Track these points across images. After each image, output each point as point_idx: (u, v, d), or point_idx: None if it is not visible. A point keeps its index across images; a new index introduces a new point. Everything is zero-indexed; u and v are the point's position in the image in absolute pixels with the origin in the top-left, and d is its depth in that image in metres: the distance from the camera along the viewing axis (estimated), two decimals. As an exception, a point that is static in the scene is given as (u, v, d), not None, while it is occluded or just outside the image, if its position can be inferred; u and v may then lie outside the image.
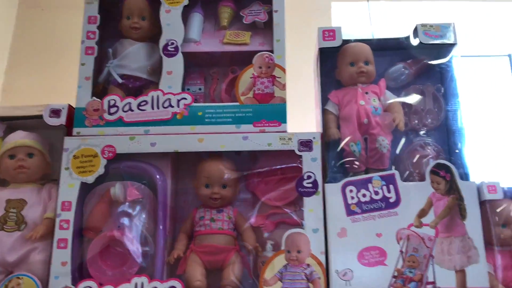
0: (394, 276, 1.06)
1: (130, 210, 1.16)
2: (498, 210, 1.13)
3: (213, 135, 1.17)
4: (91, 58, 1.26)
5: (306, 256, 1.08)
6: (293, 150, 1.15)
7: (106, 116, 1.20)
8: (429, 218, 1.09)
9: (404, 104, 1.24)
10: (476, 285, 1.04)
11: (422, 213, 1.09)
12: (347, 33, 1.29)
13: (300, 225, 1.12)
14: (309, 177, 1.13)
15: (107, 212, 1.17)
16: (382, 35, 1.32)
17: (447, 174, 1.11)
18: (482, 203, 1.11)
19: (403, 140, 1.22)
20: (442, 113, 1.23)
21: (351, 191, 1.12)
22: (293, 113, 1.39)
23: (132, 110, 1.20)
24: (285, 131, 1.18)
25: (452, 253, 1.07)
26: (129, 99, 1.21)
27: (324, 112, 1.24)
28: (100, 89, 1.28)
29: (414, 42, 1.25)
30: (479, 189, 1.11)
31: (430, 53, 1.27)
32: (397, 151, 1.21)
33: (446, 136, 1.22)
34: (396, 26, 1.26)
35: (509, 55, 2.32)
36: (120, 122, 1.20)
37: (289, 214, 1.17)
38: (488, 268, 1.09)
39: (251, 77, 1.22)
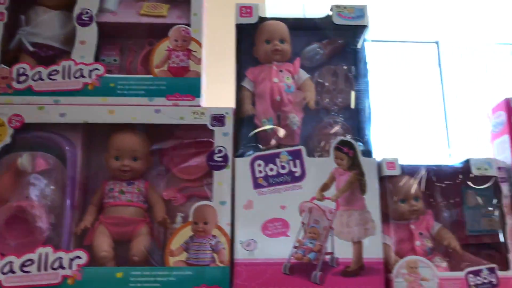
0: (295, 247, 1.10)
1: (37, 181, 1.15)
2: (397, 185, 1.19)
3: (125, 107, 1.16)
4: (0, 24, 1.21)
5: (212, 227, 1.10)
6: (206, 125, 1.16)
7: (15, 84, 1.17)
8: (331, 192, 1.14)
9: (317, 83, 1.28)
10: (371, 255, 1.10)
11: (325, 187, 1.14)
12: (277, 10, 1.30)
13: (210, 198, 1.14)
14: (220, 151, 1.15)
15: (14, 182, 1.15)
16: (314, 13, 1.34)
17: (350, 151, 1.16)
18: (382, 179, 1.18)
19: (313, 118, 1.26)
20: (353, 93, 1.28)
21: (259, 165, 1.15)
22: (215, 89, 1.40)
23: (42, 79, 1.18)
24: (198, 105, 1.19)
25: (351, 225, 1.12)
26: (40, 68, 1.18)
27: (240, 88, 1.26)
28: (11, 57, 1.24)
29: (329, 23, 1.28)
30: (379, 166, 1.17)
31: (346, 35, 1.31)
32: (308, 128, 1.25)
33: (355, 115, 1.26)
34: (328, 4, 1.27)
35: (436, 42, 2.42)
36: (29, 91, 1.17)
37: (200, 188, 1.19)
38: (386, 240, 1.16)
39: (166, 50, 1.21)
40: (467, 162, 1.19)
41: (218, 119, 1.16)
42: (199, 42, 1.23)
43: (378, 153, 1.21)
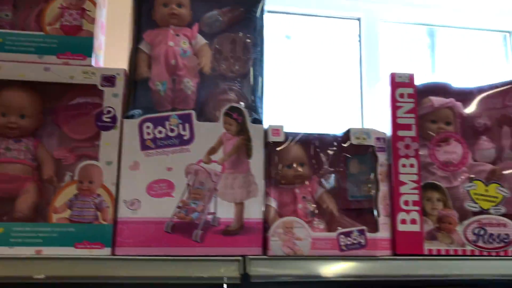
0: (178, 207, 1.14)
1: None
2: (283, 151, 1.25)
3: (13, 63, 1.14)
4: None
5: (97, 186, 1.12)
6: (96, 85, 1.16)
7: None
8: (218, 155, 1.18)
9: (215, 50, 1.31)
10: (251, 216, 1.16)
11: (212, 150, 1.18)
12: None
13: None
14: (108, 112, 1.16)
15: None
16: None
17: (239, 117, 1.20)
18: (269, 145, 1.23)
19: (210, 84, 1.29)
20: (249, 61, 1.31)
21: (148, 127, 1.17)
22: (117, 52, 1.40)
23: None
24: (90, 65, 1.18)
25: (234, 187, 1.17)
26: None
27: (137, 50, 1.26)
28: None
29: (229, -10, 1.30)
30: (266, 132, 1.22)
31: (246, 3, 1.33)
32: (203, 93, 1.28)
33: (250, 83, 1.30)
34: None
35: (358, 19, 2.49)
36: None
37: (91, 148, 1.20)
38: (271, 202, 1.23)
39: (59, 8, 1.20)
40: (348, 131, 1.26)
41: (109, 80, 1.17)
42: (93, 1, 1.21)
43: (289, 123, 1.26)
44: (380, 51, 2.47)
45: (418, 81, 1.35)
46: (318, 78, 2.21)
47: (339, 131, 1.29)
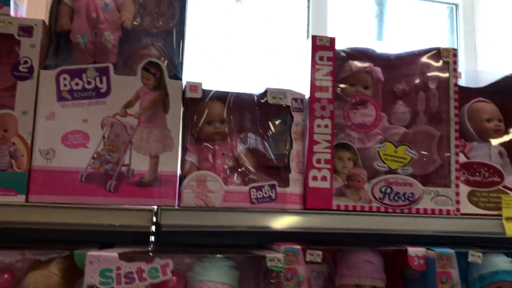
0: (93, 158, 1.17)
1: None
2: (204, 108, 1.29)
3: None
4: None
5: (12, 135, 1.14)
6: (13, 35, 1.16)
7: None
8: (135, 109, 1.21)
9: (139, 5, 1.31)
10: (166, 169, 1.20)
11: (129, 104, 1.20)
12: None
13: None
14: (25, 62, 1.17)
15: None
16: None
17: (157, 72, 1.22)
18: (190, 101, 1.26)
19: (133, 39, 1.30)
20: (174, 18, 1.33)
21: (65, 79, 1.18)
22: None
23: None
24: (7, 14, 1.18)
25: (150, 141, 1.21)
26: None
27: (60, 3, 1.26)
28: None
29: None
30: (184, 88, 1.25)
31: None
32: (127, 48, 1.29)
33: (172, 39, 1.32)
34: None
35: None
36: None
37: (8, 98, 1.21)
38: (190, 157, 1.27)
39: (-25, -46, 1.18)
40: (265, 91, 1.31)
41: (26, 30, 1.17)
42: (13, -51, 1.20)
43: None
44: (329, 18, 2.49)
45: (340, 46, 1.40)
46: (268, 42, 2.23)
47: (258, 90, 1.33)
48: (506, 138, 1.55)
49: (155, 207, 1.17)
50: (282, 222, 1.25)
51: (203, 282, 1.16)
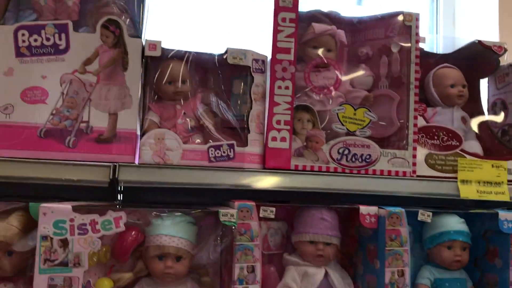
0: (52, 114, 1.19)
1: None
2: (165, 67, 1.30)
3: None
4: None
5: (-31, 90, 1.15)
6: (-30, -11, 1.16)
7: None
8: (94, 67, 1.22)
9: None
10: (125, 126, 1.22)
11: (88, 61, 1.21)
12: None
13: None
14: (-17, 17, 1.17)
15: None
16: None
17: (117, 30, 1.23)
18: (151, 60, 1.27)
19: None
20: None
21: (23, 35, 1.19)
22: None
23: None
24: (-36, -32, 1.17)
25: (109, 98, 1.22)
26: None
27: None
28: None
29: None
30: (144, 47, 1.26)
31: None
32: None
33: (135, -2, 1.32)
34: None
35: None
36: None
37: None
38: (152, 117, 1.29)
39: None
40: (226, 51, 1.31)
41: (-17, -15, 1.17)
42: None
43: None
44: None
45: (304, 8, 1.41)
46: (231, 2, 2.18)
47: (219, 50, 1.34)
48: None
49: (114, 163, 1.19)
50: (240, 181, 1.28)
51: (159, 236, 1.20)
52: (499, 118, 1.64)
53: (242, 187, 1.28)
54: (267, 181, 1.30)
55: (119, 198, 1.45)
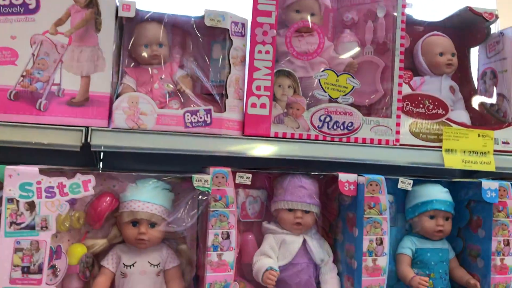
0: (22, 76, 1.16)
1: None
2: (141, 30, 1.26)
3: None
4: None
5: None
6: None
7: None
8: (65, 27, 1.18)
9: None
10: (98, 89, 1.19)
11: (59, 22, 1.18)
12: None
13: None
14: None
15: None
16: None
17: (89, -11, 1.18)
18: (121, 22, 1.23)
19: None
20: None
21: (-9, -7, 1.15)
22: None
23: None
24: None
25: (81, 60, 1.19)
26: None
27: None
28: None
29: None
30: (118, 7, 1.22)
31: None
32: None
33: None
34: None
35: None
36: None
37: None
38: (128, 81, 1.26)
39: None
40: (204, 13, 1.27)
41: None
42: None
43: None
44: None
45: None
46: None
47: (197, 13, 1.30)
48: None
49: (86, 127, 1.16)
50: (218, 147, 1.25)
51: (133, 202, 1.17)
52: (489, 87, 1.60)
53: (220, 153, 1.25)
54: (245, 148, 1.27)
55: (99, 167, 1.44)
